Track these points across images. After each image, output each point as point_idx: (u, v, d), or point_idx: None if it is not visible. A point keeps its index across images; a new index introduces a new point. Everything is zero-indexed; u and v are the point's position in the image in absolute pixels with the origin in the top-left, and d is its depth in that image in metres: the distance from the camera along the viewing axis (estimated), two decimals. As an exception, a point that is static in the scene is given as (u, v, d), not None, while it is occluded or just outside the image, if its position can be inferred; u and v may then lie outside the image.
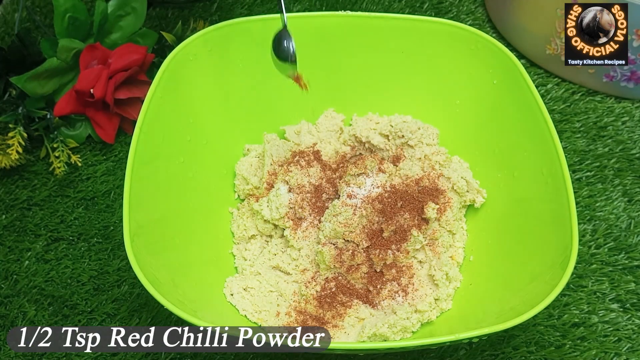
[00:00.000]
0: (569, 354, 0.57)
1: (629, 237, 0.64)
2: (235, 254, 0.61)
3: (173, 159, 0.59)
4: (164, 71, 0.59)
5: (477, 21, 0.83)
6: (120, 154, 0.71)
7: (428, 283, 0.57)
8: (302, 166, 0.61)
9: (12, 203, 0.67)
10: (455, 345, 0.57)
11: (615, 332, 0.58)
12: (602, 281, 0.61)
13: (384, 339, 0.53)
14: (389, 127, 0.65)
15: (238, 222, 0.62)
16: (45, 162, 0.70)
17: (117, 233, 0.65)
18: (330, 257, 0.56)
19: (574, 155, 0.70)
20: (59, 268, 0.62)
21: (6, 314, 0.60)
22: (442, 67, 0.65)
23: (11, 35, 0.78)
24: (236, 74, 0.65)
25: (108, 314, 0.60)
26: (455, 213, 0.60)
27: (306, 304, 0.56)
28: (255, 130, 0.67)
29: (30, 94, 0.66)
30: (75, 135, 0.70)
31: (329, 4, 0.85)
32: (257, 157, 0.65)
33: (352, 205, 0.57)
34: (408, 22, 0.64)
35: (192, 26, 0.74)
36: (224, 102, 0.65)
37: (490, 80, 0.62)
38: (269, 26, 0.57)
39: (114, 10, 0.69)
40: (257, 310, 0.56)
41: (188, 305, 0.49)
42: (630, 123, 0.73)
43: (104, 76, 0.65)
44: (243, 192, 0.64)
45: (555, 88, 0.76)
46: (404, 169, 0.61)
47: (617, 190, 0.67)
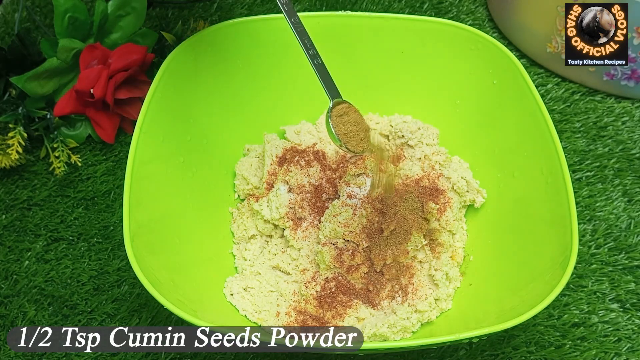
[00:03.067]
0: (569, 354, 0.57)
1: (629, 237, 0.64)
2: (235, 254, 0.61)
3: (173, 159, 0.59)
4: (164, 71, 0.59)
5: (477, 21, 0.83)
6: (120, 154, 0.71)
7: (428, 283, 0.57)
8: (302, 166, 0.61)
9: (12, 203, 0.67)
10: (455, 345, 0.57)
11: (615, 332, 0.58)
12: (602, 281, 0.61)
13: (384, 339, 0.53)
14: (389, 127, 0.65)
15: (238, 222, 0.62)
16: (45, 162, 0.70)
17: (117, 233, 0.65)
18: (330, 257, 0.56)
19: (574, 155, 0.70)
20: (59, 268, 0.62)
21: (6, 314, 0.60)
22: (442, 67, 0.65)
23: (11, 35, 0.78)
24: (236, 74, 0.64)
25: (108, 314, 0.60)
26: (455, 213, 0.60)
27: (306, 304, 0.56)
28: (255, 130, 0.67)
29: (30, 94, 0.66)
30: (75, 135, 0.70)
31: (329, 4, 0.85)
32: (257, 157, 0.65)
33: (352, 205, 0.57)
34: (408, 22, 0.64)
35: (192, 26, 0.74)
36: (224, 102, 0.65)
37: (490, 80, 0.62)
38: (269, 26, 0.57)
39: (114, 10, 0.69)
40: (257, 310, 0.57)
41: (188, 305, 0.49)
42: (630, 123, 0.73)
43: (104, 76, 0.65)
44: (243, 192, 0.64)
45: (555, 88, 0.76)
46: (404, 169, 0.61)
47: (617, 190, 0.67)
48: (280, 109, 0.67)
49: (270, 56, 0.65)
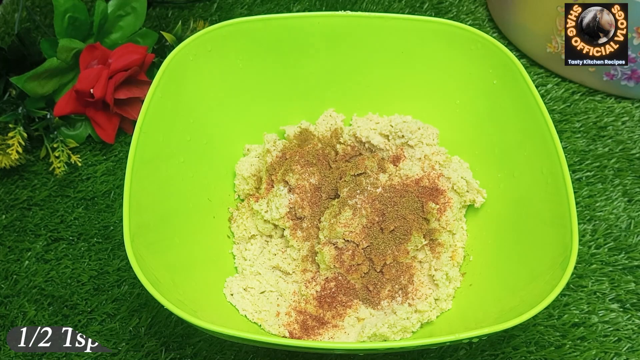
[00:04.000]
0: (569, 354, 0.57)
1: (629, 237, 0.64)
2: (235, 254, 0.61)
3: (173, 159, 0.59)
4: (164, 71, 0.58)
5: (477, 21, 0.83)
6: (120, 154, 0.71)
7: (428, 283, 0.57)
8: (302, 166, 0.61)
9: (12, 203, 0.67)
10: (455, 345, 0.57)
11: (615, 332, 0.58)
12: (602, 281, 0.61)
13: (384, 339, 0.53)
14: (389, 127, 0.65)
15: (238, 222, 0.62)
16: (45, 162, 0.70)
17: (117, 233, 0.65)
18: (330, 257, 0.56)
19: (574, 155, 0.70)
20: (59, 268, 0.62)
21: (6, 314, 0.60)
22: (442, 67, 0.65)
23: (11, 35, 0.78)
24: (236, 74, 0.64)
25: (108, 314, 0.60)
26: (455, 213, 0.60)
27: (306, 304, 0.56)
28: (255, 130, 0.67)
29: (30, 94, 0.66)
30: (75, 135, 0.70)
31: (329, 4, 0.85)
32: (257, 157, 0.65)
33: (352, 205, 0.57)
34: (408, 22, 0.64)
35: (192, 26, 0.74)
36: (224, 102, 0.65)
37: (490, 80, 0.62)
38: (269, 26, 0.57)
39: (114, 10, 0.69)
40: (257, 310, 0.57)
41: (188, 305, 0.49)
42: (630, 123, 0.73)
43: (104, 76, 0.65)
44: (243, 192, 0.64)
45: (555, 88, 0.76)
46: (404, 169, 0.61)
47: (617, 190, 0.67)
48: (280, 109, 0.67)
49: (271, 56, 0.65)
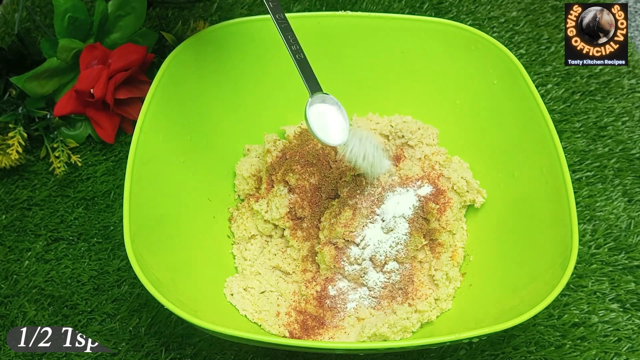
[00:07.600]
0: (569, 354, 0.57)
1: (629, 237, 0.64)
2: (235, 254, 0.61)
3: (173, 159, 0.59)
4: (164, 71, 0.59)
5: (477, 21, 0.83)
6: (120, 154, 0.71)
7: (428, 283, 0.57)
8: (302, 166, 0.61)
9: (12, 203, 0.67)
10: (455, 345, 0.57)
11: (615, 332, 0.58)
12: (602, 281, 0.61)
13: (384, 339, 0.53)
14: (389, 127, 0.65)
15: (238, 222, 0.62)
16: (45, 162, 0.70)
17: (117, 233, 0.65)
18: (330, 257, 0.56)
19: (574, 155, 0.70)
20: (59, 268, 0.62)
21: (6, 314, 0.60)
22: (442, 67, 0.65)
23: (11, 35, 0.78)
24: (236, 73, 0.65)
25: (108, 314, 0.60)
26: (455, 213, 0.60)
27: (306, 304, 0.56)
28: (255, 130, 0.67)
29: (30, 94, 0.66)
30: (75, 135, 0.70)
31: (329, 4, 0.85)
32: (257, 157, 0.65)
33: (352, 205, 0.57)
34: (408, 22, 0.64)
35: (192, 26, 0.74)
36: (224, 102, 0.65)
37: (490, 80, 0.62)
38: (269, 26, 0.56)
39: (114, 10, 0.69)
40: (257, 310, 0.57)
41: (188, 305, 0.49)
42: (630, 123, 0.73)
43: (104, 76, 0.65)
44: (243, 192, 0.64)
45: (555, 88, 0.76)
46: (404, 169, 0.61)
47: (617, 190, 0.67)
48: (280, 109, 0.67)
49: (271, 56, 0.65)
